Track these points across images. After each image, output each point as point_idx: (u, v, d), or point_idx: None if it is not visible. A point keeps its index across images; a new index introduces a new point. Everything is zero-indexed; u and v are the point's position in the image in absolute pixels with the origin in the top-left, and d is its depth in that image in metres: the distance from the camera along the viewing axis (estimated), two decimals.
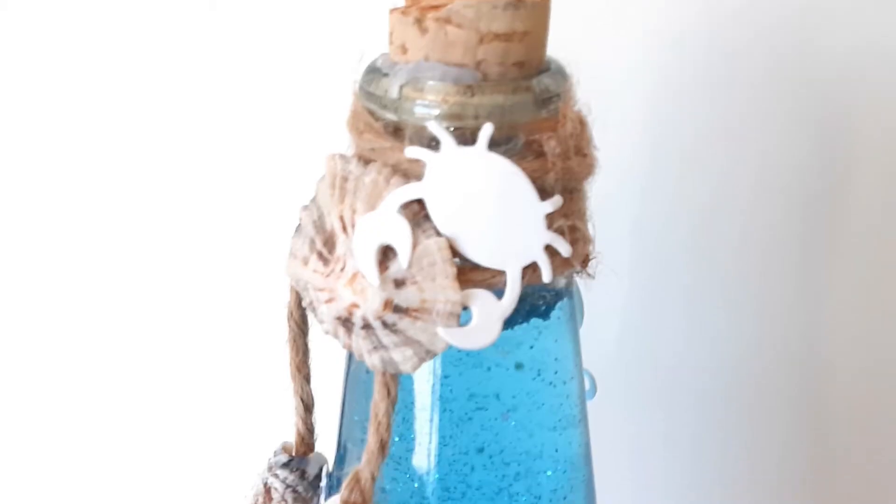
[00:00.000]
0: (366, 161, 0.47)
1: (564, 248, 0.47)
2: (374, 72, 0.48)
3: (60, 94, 0.83)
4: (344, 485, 0.47)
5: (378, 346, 0.46)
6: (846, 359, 0.86)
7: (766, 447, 0.88)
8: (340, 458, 0.55)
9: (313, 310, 0.48)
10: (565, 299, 0.52)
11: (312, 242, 0.48)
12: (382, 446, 0.47)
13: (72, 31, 0.82)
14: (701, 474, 0.88)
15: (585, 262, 0.51)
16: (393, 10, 0.47)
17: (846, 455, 0.88)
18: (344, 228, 0.46)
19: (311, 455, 0.56)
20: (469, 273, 0.46)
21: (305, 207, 0.49)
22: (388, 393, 0.47)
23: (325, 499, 0.55)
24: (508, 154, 0.46)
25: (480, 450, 0.51)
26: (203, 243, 0.83)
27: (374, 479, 0.47)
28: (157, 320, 0.85)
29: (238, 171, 0.81)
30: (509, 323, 0.47)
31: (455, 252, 0.46)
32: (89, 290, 0.85)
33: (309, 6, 0.78)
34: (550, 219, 0.47)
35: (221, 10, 0.82)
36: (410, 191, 0.46)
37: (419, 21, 0.46)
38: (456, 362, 0.50)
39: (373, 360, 0.46)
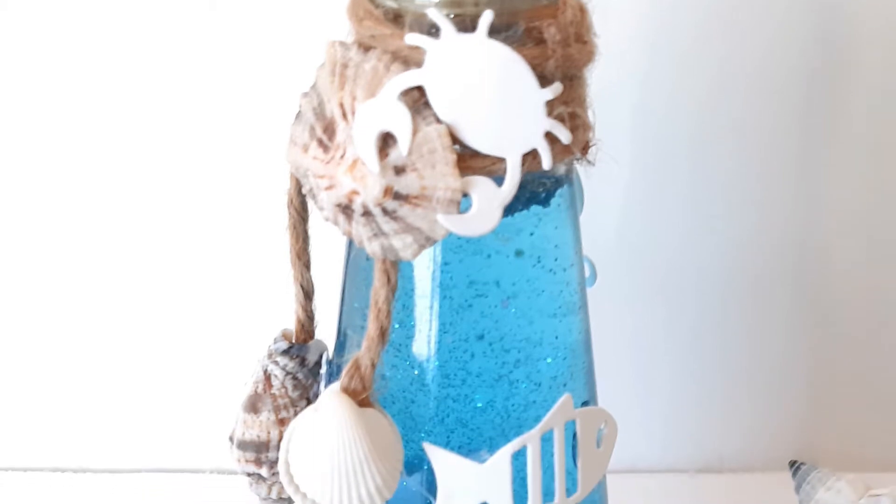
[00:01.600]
0: (366, 48, 0.47)
1: (564, 135, 0.47)
2: None
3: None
4: (344, 371, 0.47)
5: (378, 232, 0.46)
6: (845, 244, 0.86)
7: (767, 333, 0.88)
8: (340, 345, 0.55)
9: (313, 197, 0.48)
10: (565, 186, 0.52)
11: (312, 129, 0.48)
12: (382, 333, 0.47)
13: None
14: (701, 360, 0.89)
15: (585, 149, 0.51)
16: None
17: (847, 338, 0.88)
18: (344, 115, 0.46)
19: (311, 342, 0.56)
20: (469, 160, 0.46)
21: (305, 94, 0.48)
22: (388, 280, 0.47)
23: (326, 385, 0.55)
24: (508, 41, 0.45)
25: (480, 337, 0.51)
26: (207, 134, 0.83)
27: (374, 365, 0.47)
28: (160, 209, 0.85)
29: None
30: (509, 210, 0.47)
31: (455, 139, 0.46)
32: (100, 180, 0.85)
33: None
34: (550, 106, 0.46)
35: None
36: (410, 78, 0.45)
37: None
38: (456, 249, 0.50)
39: (373, 247, 0.46)
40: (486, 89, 0.46)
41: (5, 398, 0.90)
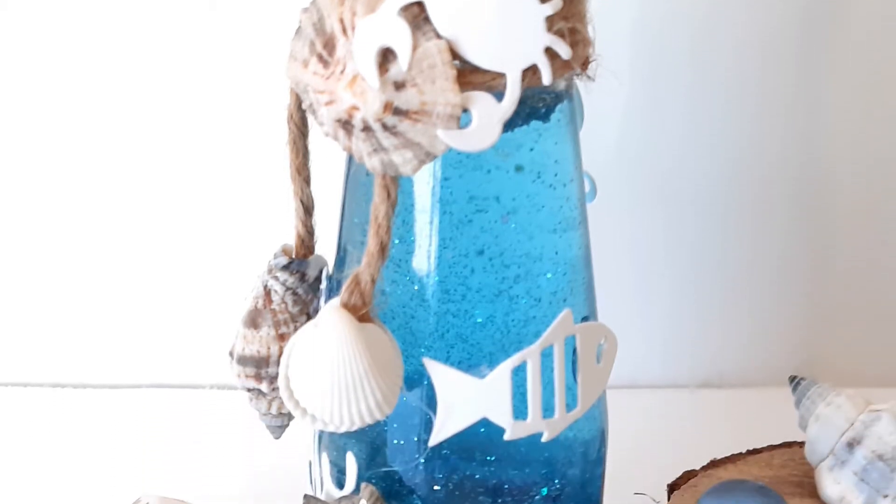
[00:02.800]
0: None
1: (564, 51, 0.47)
2: None
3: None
4: (344, 287, 0.47)
5: (378, 148, 0.46)
6: (845, 157, 0.86)
7: (767, 248, 0.88)
8: (340, 261, 0.55)
9: (313, 112, 0.48)
10: (565, 102, 0.52)
11: (312, 45, 0.47)
12: (382, 249, 0.47)
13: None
14: (701, 276, 0.89)
15: (585, 64, 0.51)
16: None
17: (847, 253, 0.88)
18: (344, 31, 0.46)
19: (310, 257, 0.56)
20: (469, 75, 0.46)
21: (305, 10, 0.48)
22: (388, 195, 0.47)
23: (326, 301, 0.55)
24: None
25: (480, 252, 0.51)
26: (210, 53, 0.83)
27: (373, 281, 0.47)
28: (163, 128, 0.85)
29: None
30: (509, 125, 0.47)
31: (455, 54, 0.45)
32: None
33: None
34: (550, 21, 0.46)
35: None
36: None
37: None
38: (456, 165, 0.50)
39: (372, 163, 0.46)
40: (486, 4, 0.45)
41: (5, 314, 0.91)
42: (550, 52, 0.46)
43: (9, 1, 0.82)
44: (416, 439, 0.53)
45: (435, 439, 0.50)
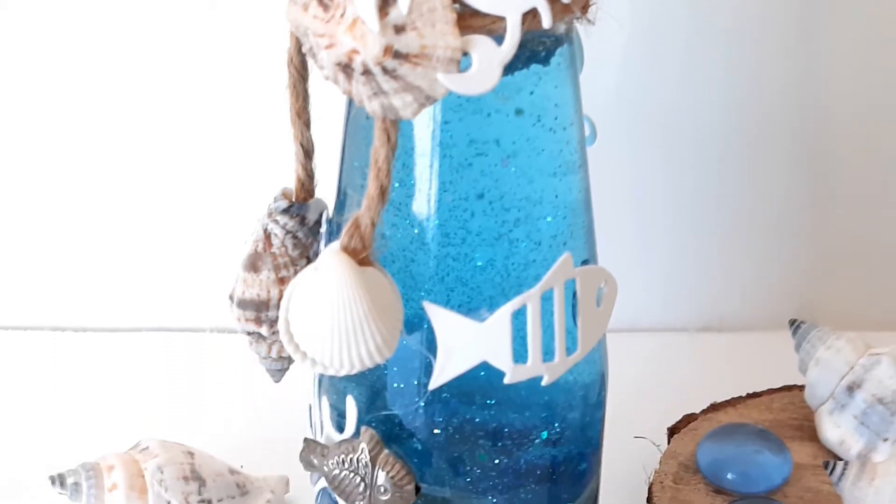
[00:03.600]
0: None
1: None
2: None
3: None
4: (344, 230, 0.47)
5: (378, 91, 0.46)
6: (845, 100, 0.86)
7: (767, 191, 0.88)
8: (340, 205, 0.55)
9: (313, 56, 0.48)
10: (565, 45, 0.52)
11: None
12: (382, 192, 0.47)
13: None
14: (701, 219, 0.89)
15: (585, 7, 0.51)
16: None
17: (847, 196, 0.88)
18: None
19: (310, 201, 0.56)
20: (469, 19, 0.45)
21: None
22: (388, 139, 0.46)
23: (325, 245, 0.55)
24: None
25: (480, 196, 0.51)
26: None
27: (374, 224, 0.47)
28: (163, 66, 0.85)
29: None
30: (509, 69, 0.46)
31: None
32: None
33: None
34: None
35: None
36: None
37: None
38: (456, 108, 0.50)
39: (372, 106, 0.46)
40: None
41: (5, 256, 0.91)
42: None
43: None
44: (415, 383, 0.53)
45: (435, 383, 0.50)
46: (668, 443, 0.71)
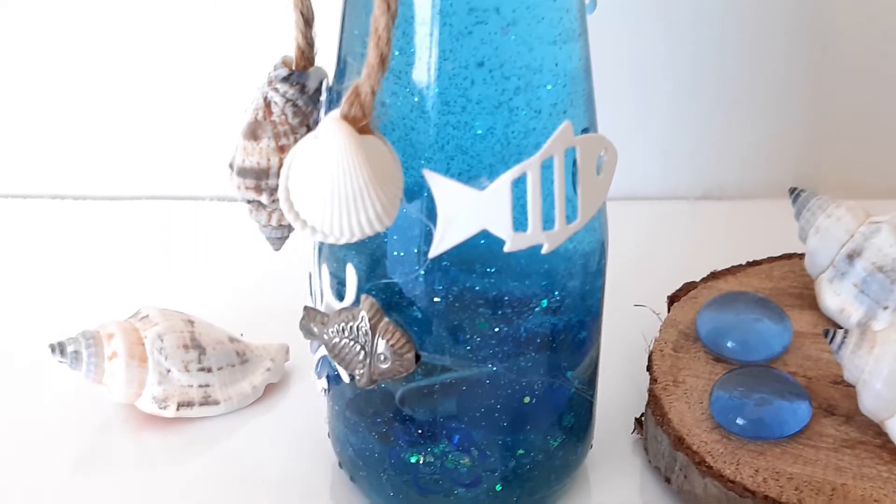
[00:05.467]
0: None
1: None
2: None
3: None
4: (344, 99, 0.47)
5: None
6: None
7: (768, 58, 0.88)
8: (340, 73, 0.55)
9: None
10: None
11: None
12: (382, 60, 0.47)
13: None
14: (701, 87, 0.89)
15: None
16: None
17: (847, 65, 0.88)
18: None
19: (310, 69, 0.55)
20: None
21: None
22: (388, 7, 0.46)
23: (325, 113, 0.55)
24: None
25: (480, 64, 0.50)
26: None
27: (373, 93, 0.47)
28: None
29: None
30: None
31: None
32: None
33: None
34: None
35: None
36: None
37: None
38: None
39: None
40: None
41: (5, 124, 0.90)
42: None
43: None
44: (415, 251, 0.53)
45: (435, 251, 0.50)
46: (668, 311, 0.71)
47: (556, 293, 0.55)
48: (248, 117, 0.55)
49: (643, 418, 0.66)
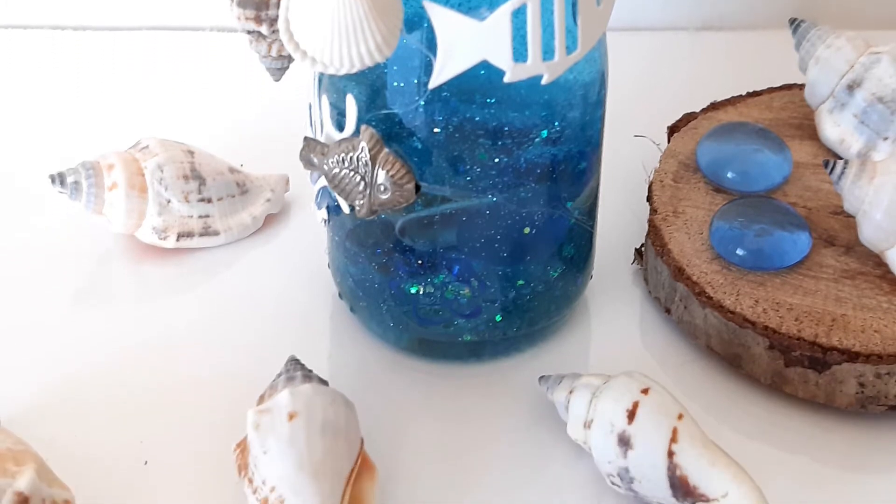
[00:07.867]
0: None
1: None
2: None
3: None
4: None
5: None
6: None
7: None
8: None
9: None
10: None
11: None
12: None
13: None
14: None
15: None
16: None
17: None
18: None
19: None
20: None
21: None
22: None
23: None
24: None
25: None
26: None
27: None
28: None
29: None
30: None
31: None
32: None
33: None
34: None
35: None
36: None
37: None
38: None
39: None
40: None
41: None
42: None
43: None
44: (415, 82, 0.53)
45: (435, 81, 0.50)
46: (668, 142, 0.71)
47: (556, 123, 0.55)
48: None
49: (643, 249, 0.66)
